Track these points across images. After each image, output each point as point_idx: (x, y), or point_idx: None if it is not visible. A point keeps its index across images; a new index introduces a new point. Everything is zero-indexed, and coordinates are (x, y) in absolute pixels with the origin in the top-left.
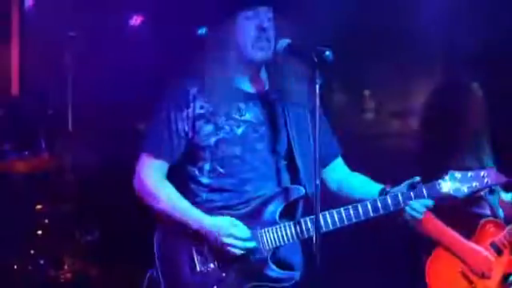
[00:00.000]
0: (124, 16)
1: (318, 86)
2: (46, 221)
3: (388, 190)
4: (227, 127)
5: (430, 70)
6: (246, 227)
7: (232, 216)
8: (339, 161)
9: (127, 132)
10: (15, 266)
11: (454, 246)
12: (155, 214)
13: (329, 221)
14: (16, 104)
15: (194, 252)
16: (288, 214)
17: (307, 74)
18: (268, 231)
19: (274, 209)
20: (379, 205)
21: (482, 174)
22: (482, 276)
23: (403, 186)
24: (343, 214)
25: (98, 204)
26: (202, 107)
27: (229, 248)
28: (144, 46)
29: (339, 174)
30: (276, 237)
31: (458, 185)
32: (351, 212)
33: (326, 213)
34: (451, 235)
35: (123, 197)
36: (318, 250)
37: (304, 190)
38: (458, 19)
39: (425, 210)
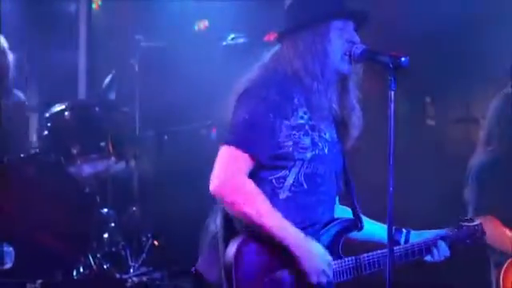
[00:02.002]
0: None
1: (392, 94)
2: (112, 224)
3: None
4: (320, 144)
5: (493, 76)
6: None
7: None
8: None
9: (194, 135)
10: (81, 269)
11: None
12: (242, 219)
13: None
14: (83, 107)
15: (271, 282)
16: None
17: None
18: (335, 265)
19: (339, 240)
20: (416, 249)
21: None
22: None
23: (433, 235)
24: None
25: (164, 208)
26: (302, 117)
27: (322, 277)
28: (211, 49)
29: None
30: (342, 271)
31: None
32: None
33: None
34: None
35: (190, 201)
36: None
37: (361, 224)
38: None
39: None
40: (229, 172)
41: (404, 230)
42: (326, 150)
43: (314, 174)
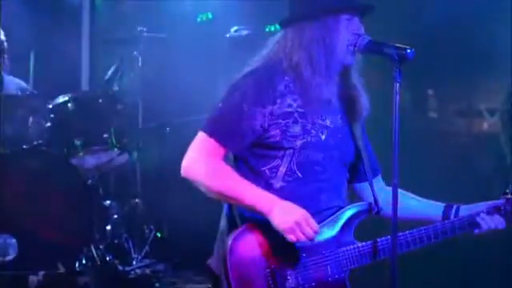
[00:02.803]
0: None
1: (398, 85)
2: (115, 216)
3: (454, 206)
4: (313, 131)
5: (494, 69)
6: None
7: None
8: (380, 178)
9: (197, 128)
10: (84, 261)
11: None
12: (214, 196)
13: (408, 241)
14: (86, 99)
15: (272, 271)
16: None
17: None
18: (347, 251)
19: (351, 225)
20: (456, 225)
21: None
22: None
23: (484, 206)
24: (422, 235)
25: (167, 200)
26: (290, 105)
27: (299, 232)
28: (214, 40)
29: (383, 191)
30: (355, 257)
31: None
32: (430, 232)
33: (400, 234)
34: None
35: (192, 193)
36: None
37: (377, 208)
38: None
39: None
40: (196, 154)
41: (454, 206)
42: (324, 137)
43: (309, 162)
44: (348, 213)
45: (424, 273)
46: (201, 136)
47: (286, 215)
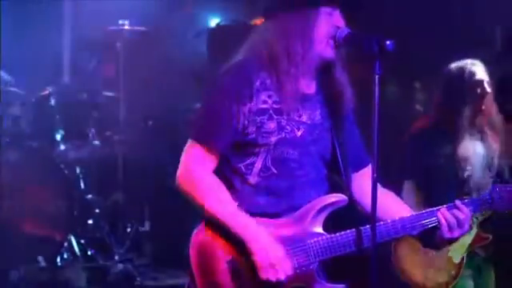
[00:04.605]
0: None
1: (377, 77)
2: (97, 210)
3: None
4: (289, 127)
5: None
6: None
7: (277, 224)
8: (368, 171)
9: (179, 121)
10: (65, 256)
11: None
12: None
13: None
14: (68, 92)
15: (234, 263)
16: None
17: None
18: (315, 242)
19: (320, 218)
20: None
21: None
22: None
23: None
24: (396, 226)
25: (149, 194)
26: (264, 102)
27: (271, 275)
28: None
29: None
30: (323, 248)
31: None
32: (406, 223)
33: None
34: None
35: (175, 187)
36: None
37: (347, 200)
38: None
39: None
40: (187, 167)
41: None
42: (300, 133)
43: (284, 158)
44: (317, 205)
45: None
46: (190, 145)
47: (263, 255)
